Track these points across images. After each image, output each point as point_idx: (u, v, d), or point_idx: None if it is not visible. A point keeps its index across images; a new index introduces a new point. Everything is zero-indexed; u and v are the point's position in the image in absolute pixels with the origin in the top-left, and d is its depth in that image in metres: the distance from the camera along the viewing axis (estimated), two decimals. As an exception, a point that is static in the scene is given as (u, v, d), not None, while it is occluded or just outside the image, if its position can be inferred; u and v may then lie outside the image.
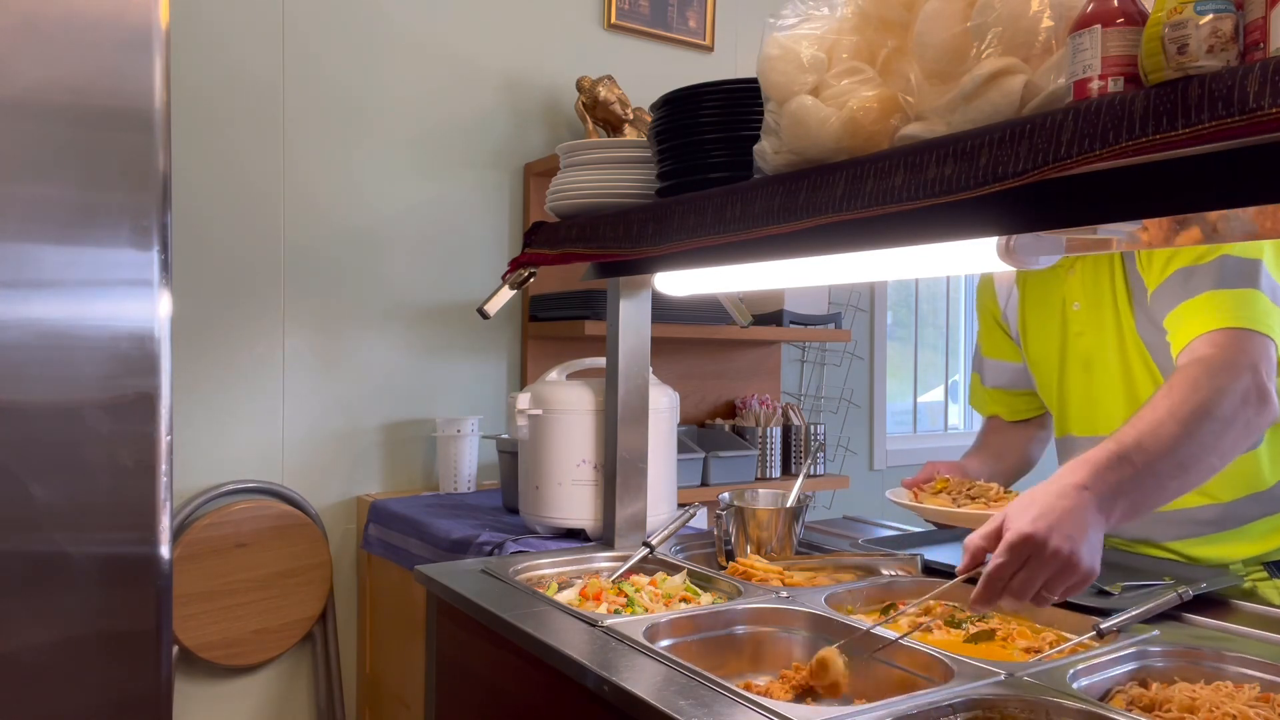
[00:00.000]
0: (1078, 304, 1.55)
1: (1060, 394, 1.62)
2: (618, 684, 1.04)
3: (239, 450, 2.30)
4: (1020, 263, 1.05)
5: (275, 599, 2.28)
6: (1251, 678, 1.09)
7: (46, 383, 1.24)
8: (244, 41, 2.29)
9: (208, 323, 2.26)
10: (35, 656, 1.24)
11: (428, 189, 2.55)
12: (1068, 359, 1.59)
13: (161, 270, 1.31)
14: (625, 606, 1.40)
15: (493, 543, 1.82)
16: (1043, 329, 1.63)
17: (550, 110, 2.73)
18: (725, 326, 2.65)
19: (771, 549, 1.58)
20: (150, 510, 1.30)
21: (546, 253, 1.61)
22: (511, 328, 2.68)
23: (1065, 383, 1.60)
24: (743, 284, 1.58)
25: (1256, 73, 0.65)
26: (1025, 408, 1.77)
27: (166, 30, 1.30)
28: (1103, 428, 1.50)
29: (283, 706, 2.38)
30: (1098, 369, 1.54)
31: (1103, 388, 1.54)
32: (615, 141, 1.60)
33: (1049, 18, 0.87)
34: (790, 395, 3.30)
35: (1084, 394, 1.57)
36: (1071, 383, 1.59)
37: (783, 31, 1.11)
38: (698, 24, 3.00)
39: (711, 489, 2.53)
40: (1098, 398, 1.55)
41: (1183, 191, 0.78)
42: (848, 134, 1.02)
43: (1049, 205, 0.88)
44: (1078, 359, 1.57)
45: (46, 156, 1.24)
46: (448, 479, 2.44)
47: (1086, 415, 1.58)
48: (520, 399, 1.78)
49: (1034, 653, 1.22)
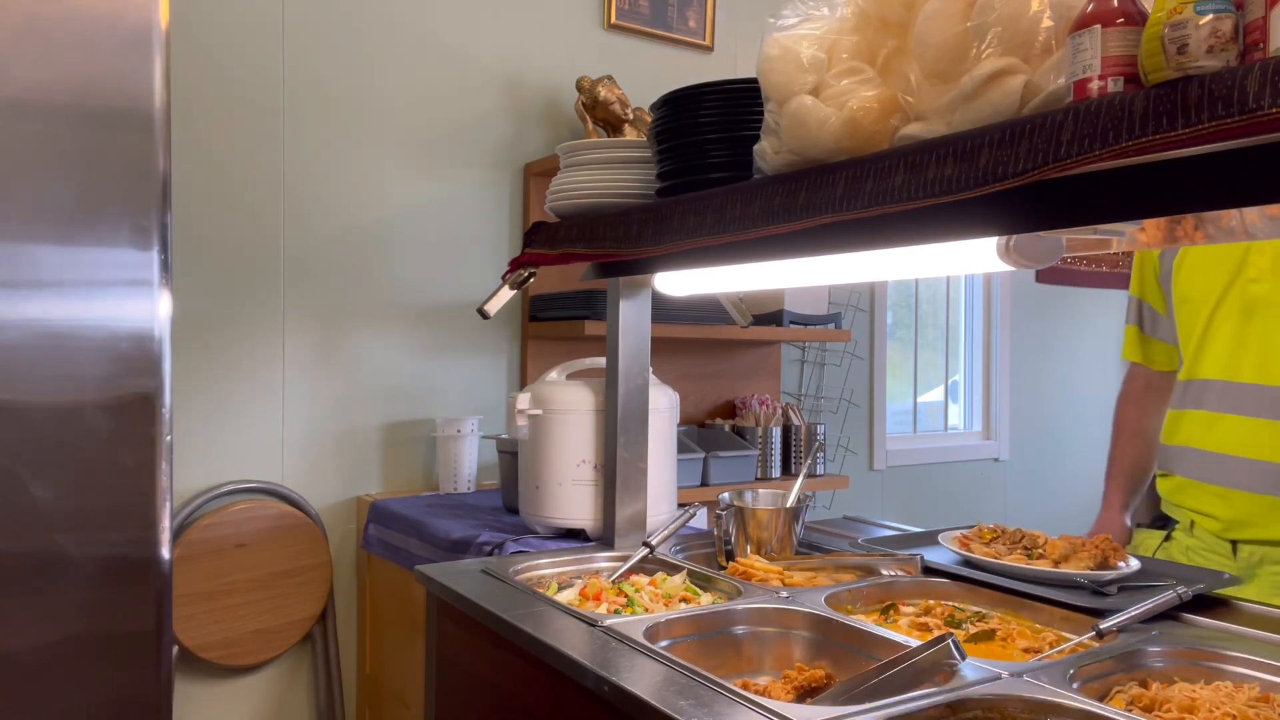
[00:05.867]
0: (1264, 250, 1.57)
1: (1202, 334, 1.67)
2: (618, 684, 1.05)
3: (239, 450, 2.30)
4: (1020, 263, 1.05)
5: (275, 599, 2.28)
6: (1251, 678, 1.09)
7: (46, 383, 1.24)
8: (244, 41, 2.29)
9: (208, 323, 2.26)
10: (35, 656, 1.24)
11: (428, 189, 2.55)
12: (1225, 302, 1.63)
13: (161, 270, 1.31)
14: (625, 606, 1.40)
15: (493, 543, 1.82)
16: (1206, 265, 1.66)
17: (550, 110, 2.73)
18: (725, 326, 2.65)
19: (771, 549, 1.58)
20: (150, 510, 1.30)
21: (546, 253, 1.61)
22: (511, 328, 2.68)
23: (1214, 324, 1.65)
24: (743, 284, 1.58)
25: (1256, 73, 0.65)
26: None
27: (166, 30, 1.30)
28: (1244, 374, 1.60)
29: (283, 706, 2.38)
30: (1260, 318, 1.59)
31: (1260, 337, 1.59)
32: (615, 141, 1.60)
33: (1049, 18, 0.87)
34: (790, 395, 3.30)
35: (1235, 339, 1.62)
36: (1219, 323, 1.64)
37: (783, 31, 1.11)
38: (698, 24, 3.00)
39: (711, 489, 2.53)
40: (1250, 345, 1.60)
41: (1182, 191, 0.78)
42: (848, 134, 1.02)
43: (1049, 205, 0.88)
44: (1238, 303, 1.61)
45: (46, 156, 1.24)
46: (448, 479, 2.44)
47: (1225, 359, 1.63)
48: (520, 399, 1.78)
49: (1034, 653, 1.22)
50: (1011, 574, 1.40)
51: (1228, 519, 1.63)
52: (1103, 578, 1.33)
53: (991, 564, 1.43)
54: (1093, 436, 4.38)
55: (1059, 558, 1.40)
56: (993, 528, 1.56)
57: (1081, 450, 4.34)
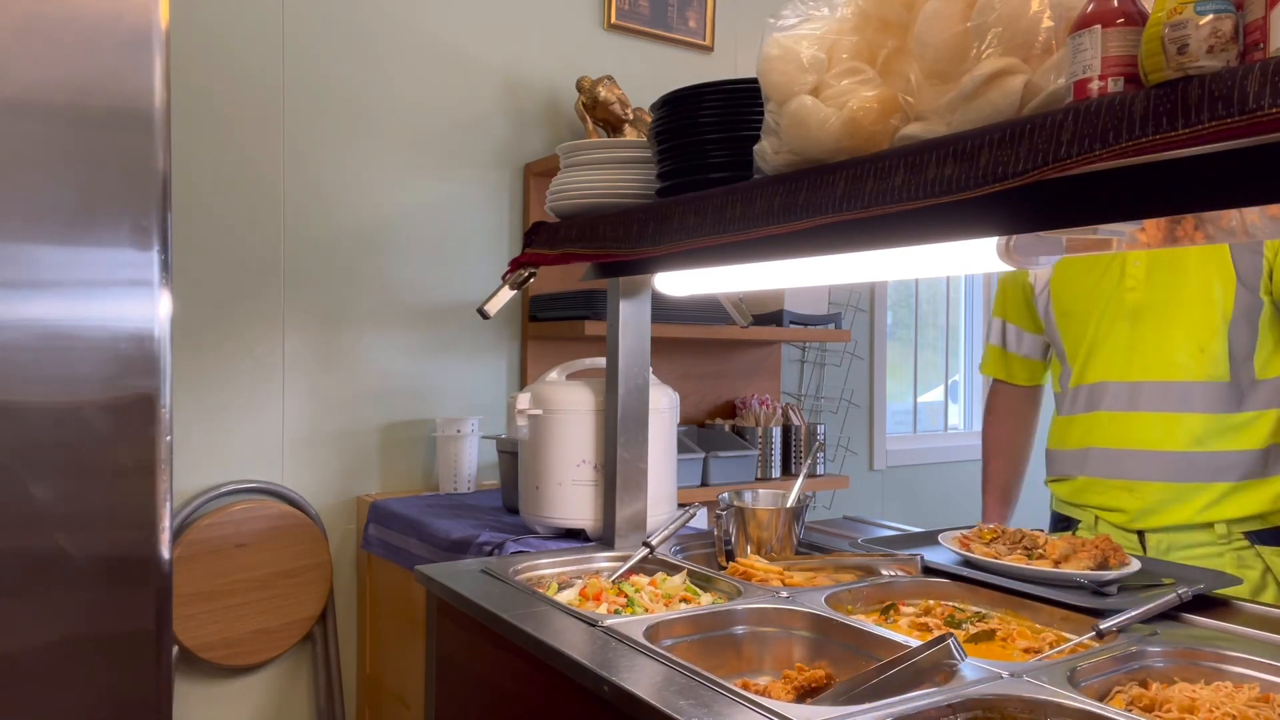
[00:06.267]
0: (1138, 261, 1.71)
1: (1091, 342, 1.79)
2: (618, 684, 1.05)
3: (239, 450, 2.30)
4: (1020, 263, 1.05)
5: (275, 599, 2.28)
6: (1251, 678, 1.09)
7: (46, 383, 1.24)
8: (244, 41, 2.29)
9: (208, 323, 2.26)
10: (35, 656, 1.24)
11: (427, 189, 2.55)
12: (1109, 311, 1.76)
13: (161, 270, 1.30)
14: (625, 606, 1.40)
15: (493, 543, 1.82)
16: (1084, 279, 1.80)
17: (550, 110, 2.73)
18: (725, 326, 2.65)
19: (771, 549, 1.58)
20: (150, 510, 1.30)
21: (546, 253, 1.61)
22: (511, 328, 2.68)
23: (1100, 331, 1.78)
24: (743, 284, 1.58)
25: (1256, 73, 0.65)
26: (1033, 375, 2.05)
27: (166, 30, 1.30)
28: (1136, 373, 1.73)
29: (283, 706, 2.38)
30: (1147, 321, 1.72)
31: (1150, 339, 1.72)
32: (615, 141, 1.60)
33: (1049, 18, 0.87)
34: (790, 395, 3.30)
35: (1125, 343, 1.74)
36: (1105, 331, 1.77)
37: (783, 32, 1.11)
38: (698, 24, 3.00)
39: (711, 489, 2.53)
40: (1139, 348, 1.73)
41: (1182, 192, 0.78)
42: (848, 134, 1.02)
43: (1049, 205, 0.88)
44: (1121, 311, 1.74)
45: (47, 157, 1.23)
46: (448, 479, 2.44)
47: (1119, 362, 1.75)
48: (520, 399, 1.78)
49: (1034, 653, 1.22)
50: (1011, 574, 1.40)
51: (1135, 510, 1.73)
52: (1103, 578, 1.33)
53: (991, 564, 1.43)
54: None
55: (1059, 558, 1.40)
56: (993, 528, 1.56)
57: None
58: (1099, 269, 1.78)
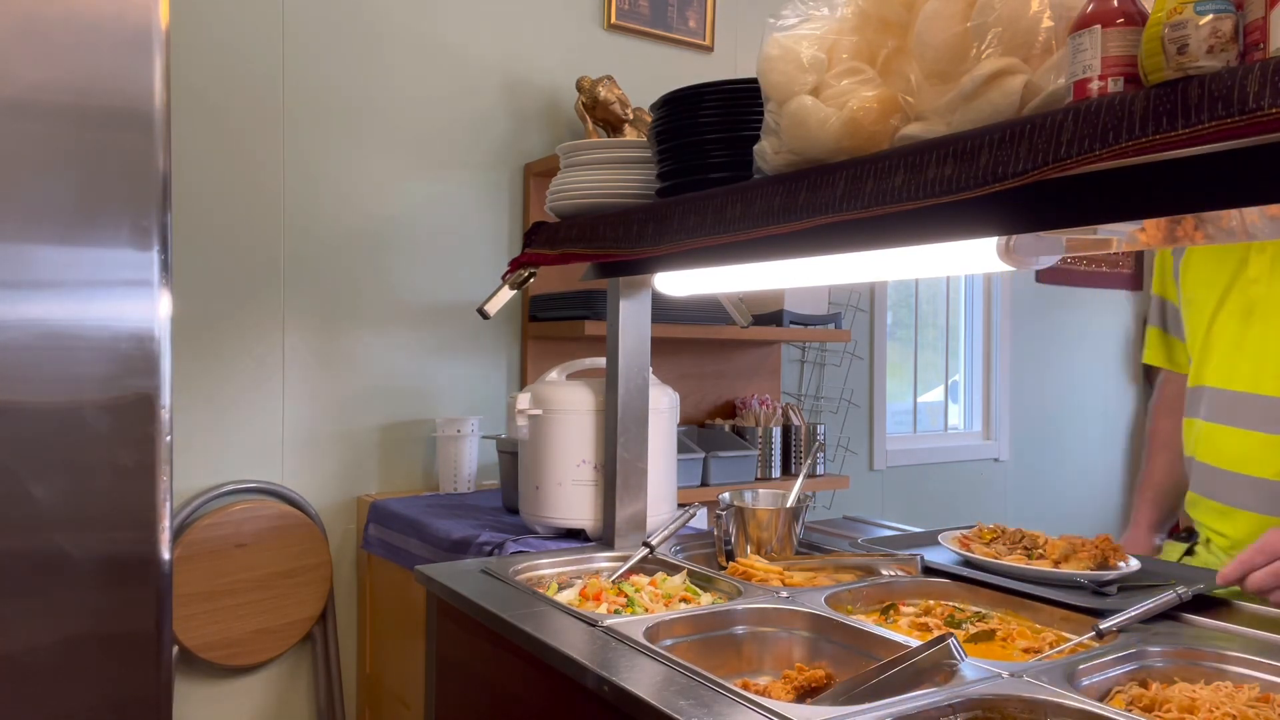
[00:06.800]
0: (1264, 248, 1.44)
1: (1204, 338, 1.53)
2: (618, 684, 1.04)
3: (239, 450, 2.30)
4: (1020, 263, 1.05)
5: (275, 599, 2.28)
6: (1251, 678, 1.09)
7: (46, 383, 1.24)
8: (244, 41, 2.29)
9: (208, 323, 2.26)
10: (35, 656, 1.24)
11: (427, 189, 2.55)
12: (1227, 304, 1.49)
13: (161, 270, 1.30)
14: (625, 606, 1.40)
15: (493, 543, 1.82)
16: (1209, 264, 1.54)
17: (550, 110, 2.73)
18: (725, 326, 2.65)
19: (771, 549, 1.58)
20: (150, 510, 1.30)
21: (546, 253, 1.61)
22: (511, 328, 2.68)
23: (1215, 327, 1.51)
24: (743, 284, 1.58)
25: (1256, 73, 0.65)
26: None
27: (166, 30, 1.30)
28: (1239, 382, 1.44)
29: (283, 706, 2.38)
30: (1258, 322, 1.45)
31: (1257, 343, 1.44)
32: (615, 141, 1.60)
33: (1049, 18, 0.87)
34: (790, 395, 3.30)
35: (1233, 344, 1.48)
36: (1219, 326, 1.50)
37: (783, 32, 1.11)
38: (698, 24, 3.00)
39: (711, 489, 2.53)
40: (1246, 352, 1.45)
41: (1182, 191, 0.78)
42: (848, 134, 1.02)
43: (1049, 205, 0.88)
44: (1239, 305, 1.47)
45: (47, 157, 1.23)
46: (448, 479, 2.44)
47: (1222, 366, 1.49)
48: (520, 399, 1.78)
49: (1034, 653, 1.22)
50: (1011, 574, 1.40)
51: (1234, 538, 1.48)
52: (1103, 578, 1.33)
53: (991, 564, 1.43)
54: (1092, 437, 4.38)
55: (1059, 558, 1.40)
56: (993, 528, 1.56)
57: (1081, 450, 4.34)
58: (1221, 251, 1.51)
